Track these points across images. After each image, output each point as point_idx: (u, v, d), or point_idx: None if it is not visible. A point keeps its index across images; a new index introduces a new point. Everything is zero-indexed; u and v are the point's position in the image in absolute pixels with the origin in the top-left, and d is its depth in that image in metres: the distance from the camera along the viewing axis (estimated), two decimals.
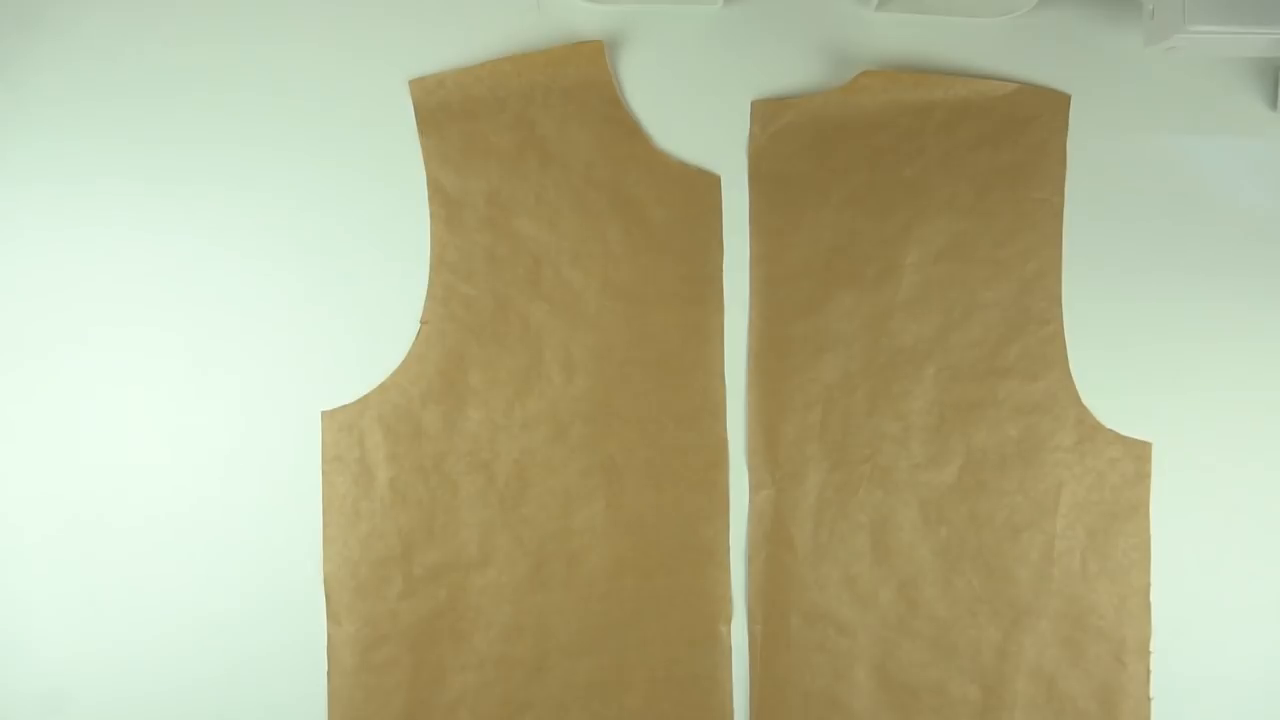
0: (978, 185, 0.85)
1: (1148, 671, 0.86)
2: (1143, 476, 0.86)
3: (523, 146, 0.83)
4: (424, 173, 0.82)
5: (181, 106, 0.82)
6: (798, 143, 0.85)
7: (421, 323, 0.83)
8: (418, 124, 0.82)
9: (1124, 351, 0.87)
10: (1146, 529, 0.86)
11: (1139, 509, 0.86)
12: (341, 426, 0.82)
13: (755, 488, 0.85)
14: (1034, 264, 0.85)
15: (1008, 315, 0.85)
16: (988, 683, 0.85)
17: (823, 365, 0.85)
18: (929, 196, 0.85)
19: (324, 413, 0.82)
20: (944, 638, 0.85)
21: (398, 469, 0.83)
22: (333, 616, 0.83)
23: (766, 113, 0.85)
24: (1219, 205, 0.88)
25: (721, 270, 0.85)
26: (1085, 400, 0.85)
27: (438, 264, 0.83)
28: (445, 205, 0.83)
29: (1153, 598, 0.86)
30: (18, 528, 0.83)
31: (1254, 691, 0.89)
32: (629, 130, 0.84)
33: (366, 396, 0.82)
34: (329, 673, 0.83)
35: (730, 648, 0.85)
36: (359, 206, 0.83)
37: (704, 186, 0.85)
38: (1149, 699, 0.86)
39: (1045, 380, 0.85)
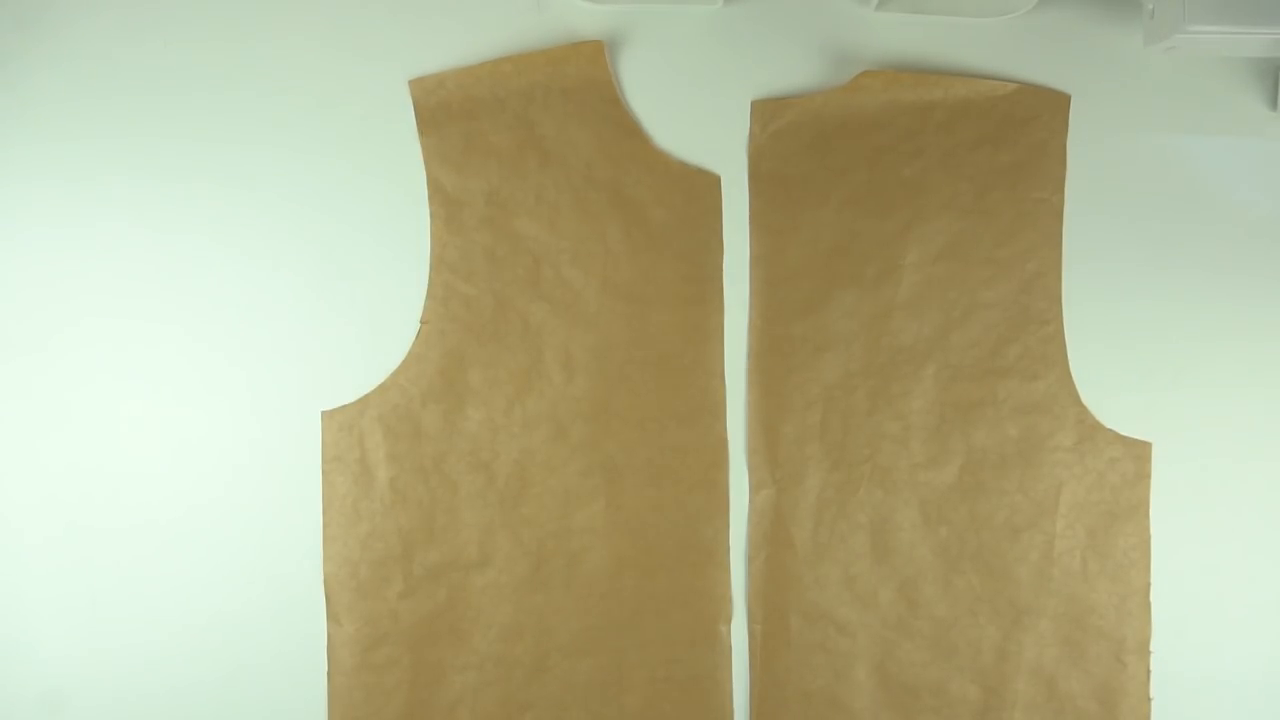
0: (978, 185, 0.85)
1: (1148, 671, 0.86)
2: (1143, 476, 0.86)
3: (523, 146, 0.83)
4: (424, 172, 0.82)
5: (181, 106, 0.82)
6: (798, 143, 0.85)
7: (421, 323, 0.83)
8: (418, 124, 0.82)
9: (1124, 351, 0.87)
10: (1146, 529, 0.86)
11: (1139, 509, 0.86)
12: (341, 426, 0.82)
13: (755, 488, 0.85)
14: (1034, 264, 0.85)
15: (1008, 315, 0.85)
16: (988, 683, 0.85)
17: (823, 365, 0.85)
18: (929, 196, 0.85)
19: (324, 413, 0.82)
20: (944, 638, 0.85)
21: (398, 469, 0.83)
22: (333, 616, 0.83)
23: (766, 113, 0.85)
24: (1219, 205, 0.88)
25: (721, 270, 0.85)
26: (1085, 400, 0.85)
27: (438, 264, 0.83)
28: (445, 205, 0.83)
29: (1153, 598, 0.86)
30: (18, 528, 0.83)
31: (1254, 691, 0.89)
32: (629, 130, 0.84)
33: (366, 396, 0.82)
34: (329, 673, 0.83)
35: (730, 648, 0.85)
36: (359, 206, 0.83)
37: (704, 186, 0.85)
38: (1149, 699, 0.86)
39: (1045, 380, 0.85)
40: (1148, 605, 0.86)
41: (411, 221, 0.83)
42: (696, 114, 0.85)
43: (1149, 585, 0.86)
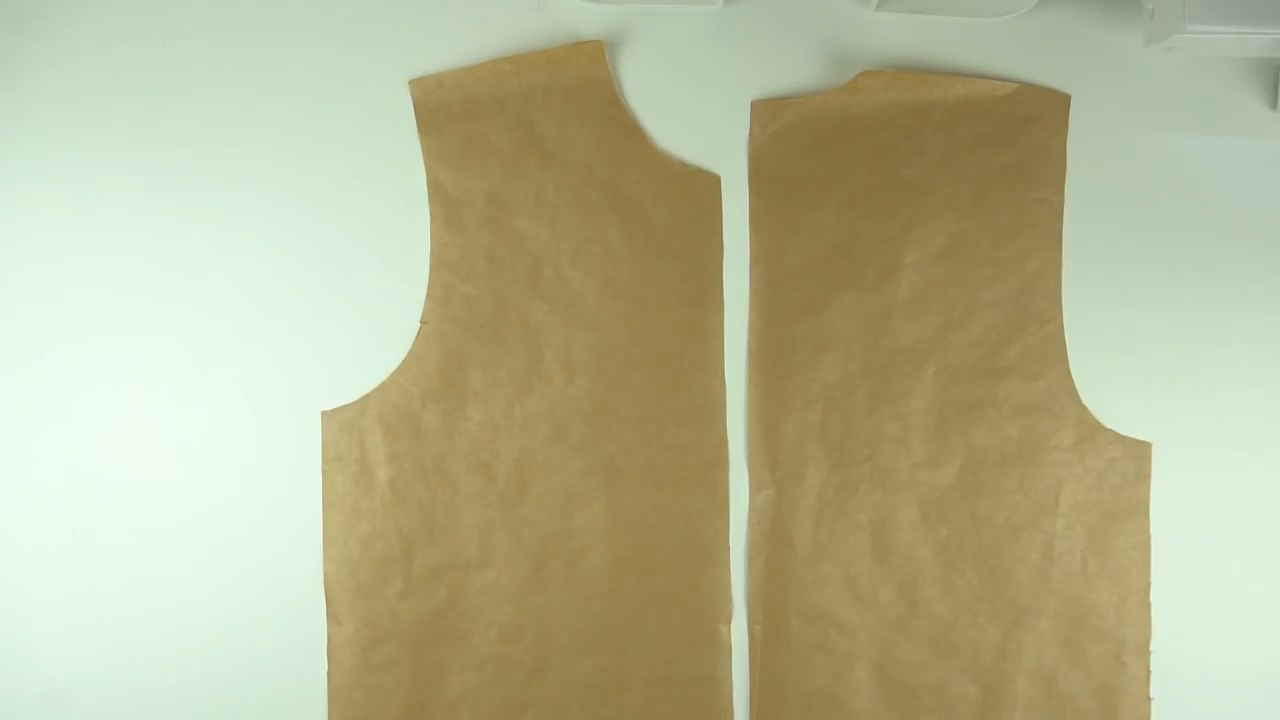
0: (978, 185, 0.85)
1: (1148, 671, 0.86)
2: (1143, 476, 0.86)
3: (523, 146, 0.83)
4: (424, 173, 0.83)
5: (181, 107, 0.82)
6: (798, 143, 0.85)
7: (421, 323, 0.83)
8: (418, 124, 0.82)
9: (1124, 351, 0.87)
10: (1146, 529, 0.86)
11: (1139, 509, 0.86)
12: (341, 426, 0.82)
13: (755, 488, 0.85)
14: (1034, 264, 0.85)
15: (1008, 315, 0.85)
16: (988, 683, 0.86)
17: (823, 365, 0.85)
18: (929, 196, 0.85)
19: (324, 413, 0.82)
20: (944, 638, 0.85)
21: (398, 469, 0.83)
22: (333, 616, 0.83)
23: (766, 113, 0.85)
24: (1219, 205, 0.88)
25: (721, 270, 0.85)
26: (1085, 400, 0.85)
27: (438, 264, 0.83)
28: (445, 205, 0.83)
29: (1153, 598, 0.86)
30: (18, 527, 0.82)
31: (1254, 691, 0.89)
32: (629, 130, 0.84)
33: (366, 396, 0.82)
34: (329, 673, 0.83)
35: (730, 648, 0.85)
36: (359, 206, 0.83)
37: (704, 186, 0.85)
38: (1149, 699, 0.86)
39: (1045, 380, 0.85)
40: (1148, 605, 0.86)
41: (411, 221, 0.83)
42: (696, 114, 0.85)
43: (1149, 585, 0.86)
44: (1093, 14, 0.86)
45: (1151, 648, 0.86)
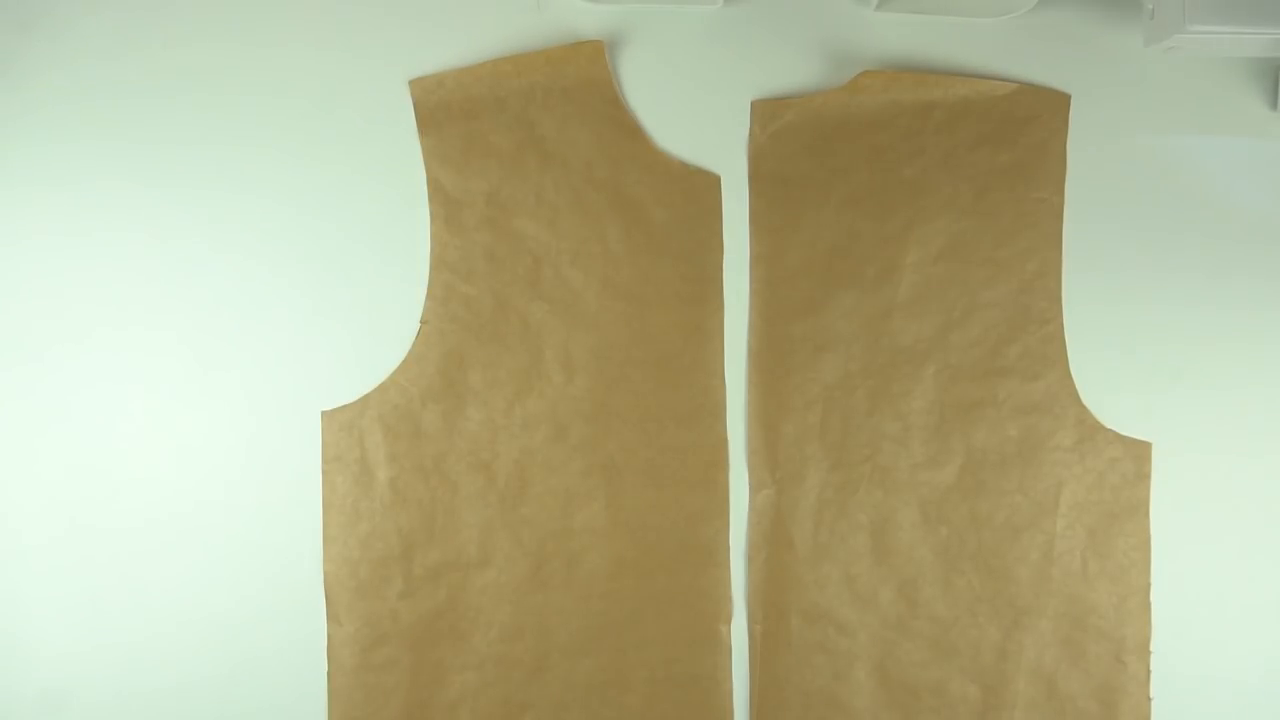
0: (978, 185, 0.85)
1: (1148, 671, 0.86)
2: (1143, 476, 0.86)
3: (523, 146, 0.83)
4: (424, 172, 0.83)
5: (181, 107, 0.82)
6: (798, 143, 0.85)
7: (421, 323, 0.83)
8: (418, 124, 0.82)
9: (1124, 351, 0.87)
10: (1146, 529, 0.86)
11: (1139, 509, 0.86)
12: (341, 426, 0.82)
13: (755, 488, 0.85)
14: (1034, 264, 0.85)
15: (1008, 315, 0.85)
16: (988, 683, 0.86)
17: (823, 365, 0.85)
18: (929, 196, 0.85)
19: (324, 413, 0.82)
20: (944, 638, 0.85)
21: (398, 469, 0.83)
22: (333, 616, 0.83)
23: (766, 113, 0.85)
24: (1219, 205, 0.88)
25: (721, 270, 0.85)
26: (1085, 400, 0.85)
27: (437, 264, 0.83)
28: (445, 205, 0.83)
29: (1153, 598, 0.86)
30: (18, 527, 0.83)
31: (1254, 691, 0.89)
32: (629, 130, 0.84)
33: (366, 396, 0.82)
34: (329, 672, 0.83)
35: (730, 648, 0.85)
36: (359, 206, 0.83)
37: (704, 186, 0.85)
38: (1149, 699, 0.86)
39: (1045, 380, 0.85)
40: (1148, 605, 0.86)
41: (411, 222, 0.83)
42: (696, 114, 0.85)
43: (1149, 585, 0.86)
44: (1093, 14, 0.86)
45: (1151, 648, 0.86)
